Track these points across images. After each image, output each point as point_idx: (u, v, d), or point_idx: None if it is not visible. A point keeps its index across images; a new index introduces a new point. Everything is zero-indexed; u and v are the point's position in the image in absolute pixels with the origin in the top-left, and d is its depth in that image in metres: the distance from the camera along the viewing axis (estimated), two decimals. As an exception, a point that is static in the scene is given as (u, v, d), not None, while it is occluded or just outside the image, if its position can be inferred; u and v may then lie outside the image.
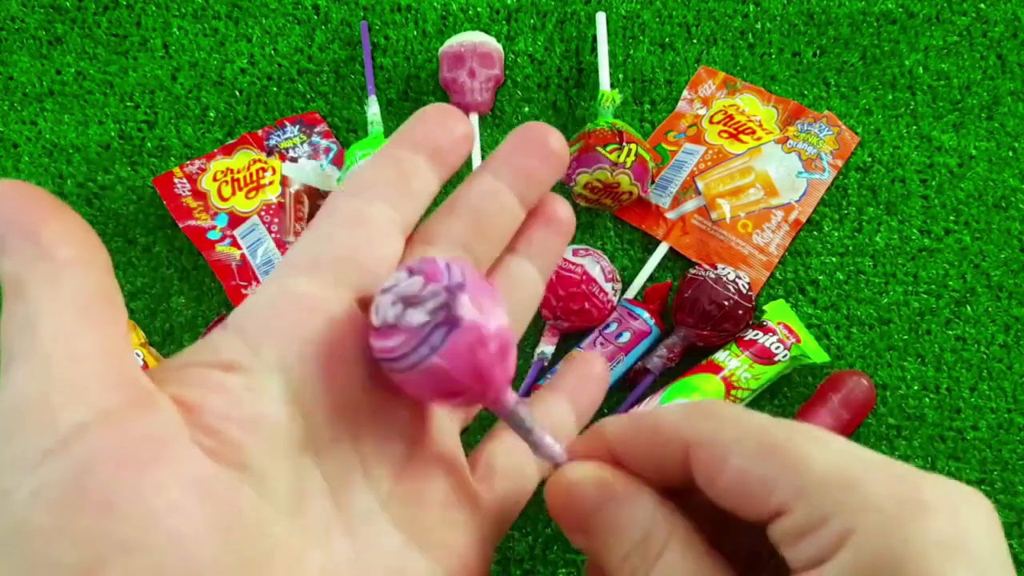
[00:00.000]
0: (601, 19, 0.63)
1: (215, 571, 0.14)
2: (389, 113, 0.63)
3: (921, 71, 0.64)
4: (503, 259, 0.23)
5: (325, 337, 0.18)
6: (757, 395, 0.54)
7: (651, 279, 0.58)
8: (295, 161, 0.61)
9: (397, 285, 0.17)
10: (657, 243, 0.59)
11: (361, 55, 0.65)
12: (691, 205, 0.59)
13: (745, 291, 0.54)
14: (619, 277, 0.57)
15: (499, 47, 0.63)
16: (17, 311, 0.15)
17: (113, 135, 0.63)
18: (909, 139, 0.62)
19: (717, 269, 0.54)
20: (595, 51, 0.63)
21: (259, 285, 0.19)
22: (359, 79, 0.64)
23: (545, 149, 0.22)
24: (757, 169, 0.59)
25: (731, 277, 0.54)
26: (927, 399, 0.56)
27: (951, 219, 0.60)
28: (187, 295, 0.58)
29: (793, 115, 0.62)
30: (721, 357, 0.53)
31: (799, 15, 0.66)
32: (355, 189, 0.20)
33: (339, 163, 0.61)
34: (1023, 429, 0.55)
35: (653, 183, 0.60)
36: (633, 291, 0.57)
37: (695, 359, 0.54)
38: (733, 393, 0.51)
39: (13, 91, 0.64)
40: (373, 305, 0.18)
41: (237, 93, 0.64)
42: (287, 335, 0.17)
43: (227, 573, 0.14)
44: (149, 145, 0.62)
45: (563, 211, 0.24)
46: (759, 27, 0.66)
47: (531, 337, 0.56)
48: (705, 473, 0.17)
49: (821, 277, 0.59)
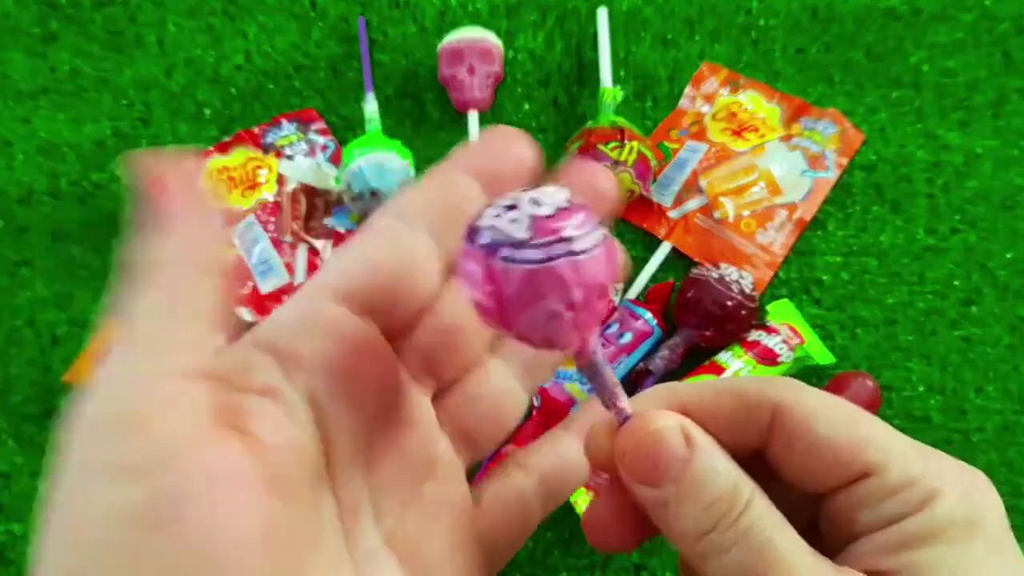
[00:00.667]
0: (603, 15, 0.62)
1: None
2: (387, 110, 0.62)
3: (927, 68, 0.63)
4: (482, 362, 0.22)
5: (351, 370, 0.18)
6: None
7: (653, 279, 0.57)
8: (291, 159, 0.60)
9: (542, 193, 0.17)
10: (659, 242, 0.58)
11: (359, 51, 0.64)
12: (693, 204, 0.59)
13: (748, 291, 0.53)
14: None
15: (499, 43, 0.62)
16: (139, 297, 0.17)
17: (108, 133, 0.62)
18: (914, 137, 0.61)
19: (720, 269, 0.54)
20: (596, 47, 0.62)
21: (291, 297, 0.19)
22: (356, 76, 0.64)
23: (513, 155, 0.21)
24: (761, 167, 0.59)
25: (734, 277, 0.53)
26: (933, 400, 0.55)
27: (957, 218, 0.59)
28: (182, 295, 0.57)
29: (797, 112, 0.61)
30: (724, 358, 0.52)
31: (803, 11, 0.65)
32: (403, 211, 0.20)
33: (336, 161, 0.60)
34: (1030, 431, 0.54)
35: (655, 181, 0.60)
36: (635, 291, 0.57)
37: (698, 360, 0.54)
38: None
39: (7, 88, 0.63)
40: (514, 198, 0.17)
41: (233, 90, 0.63)
42: (316, 364, 0.18)
43: None
44: (144, 143, 0.62)
45: None
46: (762, 23, 0.65)
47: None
48: (791, 436, 0.18)
49: (825, 277, 0.58)
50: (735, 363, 0.51)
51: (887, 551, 0.17)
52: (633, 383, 0.54)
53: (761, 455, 0.19)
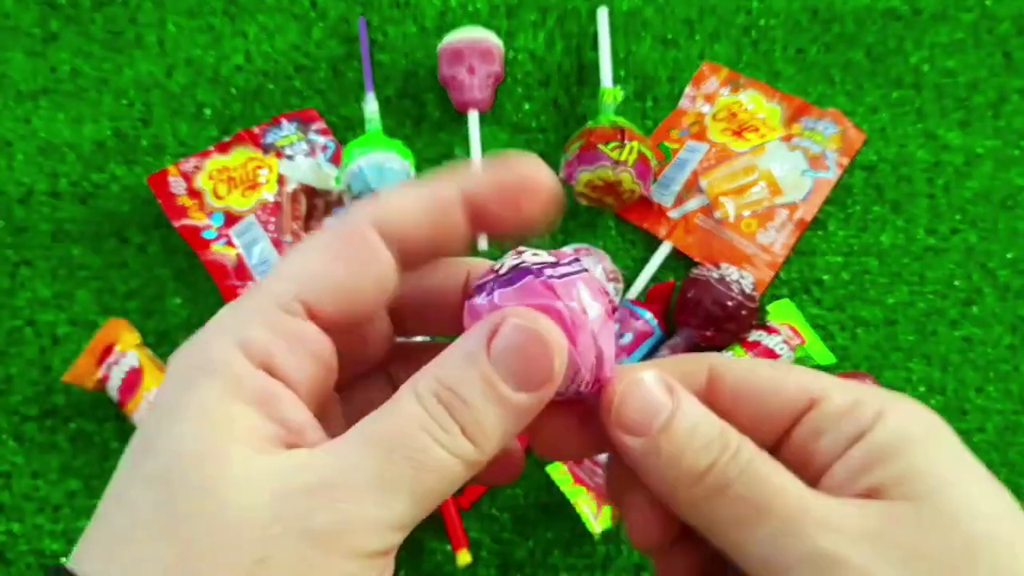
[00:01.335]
0: (603, 15, 0.62)
1: None
2: (387, 110, 0.62)
3: (927, 68, 0.63)
4: None
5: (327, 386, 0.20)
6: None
7: (653, 279, 0.57)
8: (292, 159, 0.60)
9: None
10: (659, 242, 0.58)
11: (359, 51, 0.64)
12: (694, 204, 0.59)
13: (749, 291, 0.53)
14: (621, 277, 0.56)
15: (499, 43, 0.62)
16: None
17: (108, 133, 0.62)
18: (915, 137, 0.61)
19: (720, 269, 0.54)
20: (596, 47, 0.62)
21: (246, 297, 0.19)
22: (357, 76, 0.64)
23: (537, 198, 0.20)
24: (761, 167, 0.59)
25: (735, 277, 0.53)
26: (933, 401, 0.55)
27: (957, 218, 0.59)
28: (182, 295, 0.57)
29: (798, 112, 0.61)
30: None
31: (803, 11, 0.65)
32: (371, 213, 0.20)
33: (336, 161, 0.60)
34: (1031, 431, 0.54)
35: (655, 181, 0.60)
36: (635, 291, 0.57)
37: (698, 360, 0.53)
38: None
39: (7, 88, 0.63)
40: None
41: (233, 90, 0.63)
42: (304, 388, 0.19)
43: None
44: (144, 143, 0.61)
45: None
46: (763, 23, 0.65)
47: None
48: (734, 391, 0.20)
49: (826, 277, 0.58)
50: (735, 363, 0.51)
51: (862, 471, 0.17)
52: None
53: None
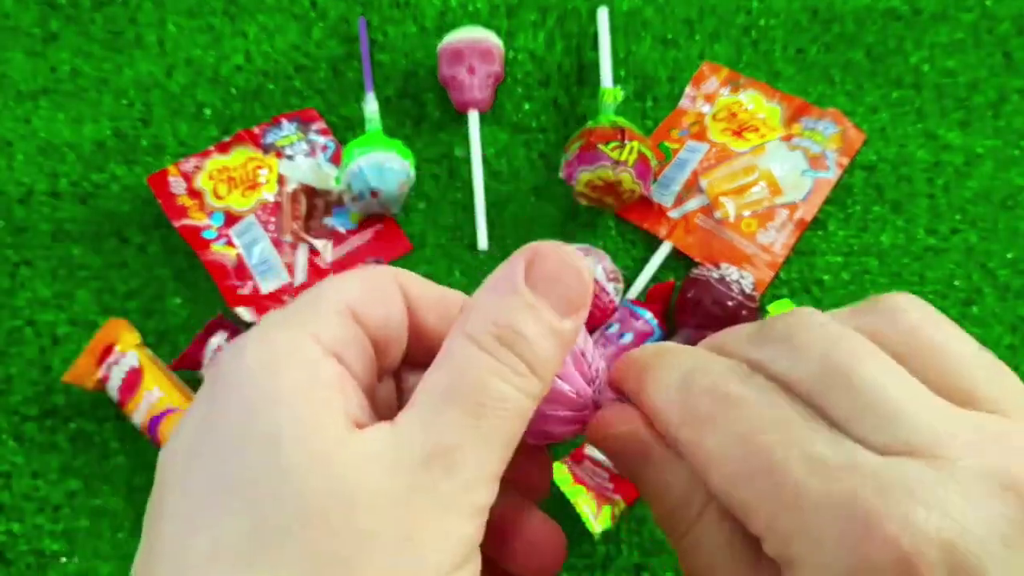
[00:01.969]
0: (603, 15, 0.62)
1: None
2: (387, 110, 0.62)
3: (927, 68, 0.63)
4: None
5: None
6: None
7: (654, 279, 0.57)
8: (292, 159, 0.60)
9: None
10: (660, 242, 0.58)
11: (359, 51, 0.64)
12: (694, 204, 0.59)
13: (749, 291, 0.53)
14: (621, 277, 0.56)
15: (499, 43, 0.62)
16: None
17: (108, 133, 0.62)
18: (915, 137, 0.61)
19: (720, 269, 0.54)
20: (596, 47, 0.62)
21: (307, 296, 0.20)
22: (357, 76, 0.64)
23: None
24: (761, 167, 0.59)
25: (735, 277, 0.53)
26: (933, 401, 0.55)
27: (957, 218, 0.59)
28: (182, 295, 0.57)
29: (798, 112, 0.61)
30: (725, 358, 0.52)
31: (803, 11, 0.65)
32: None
33: (336, 161, 0.60)
34: (1031, 431, 0.54)
35: (655, 181, 0.60)
36: (635, 291, 0.57)
37: (698, 360, 0.53)
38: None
39: (7, 88, 0.63)
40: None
41: (233, 90, 0.63)
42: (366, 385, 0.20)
43: None
44: (144, 143, 0.61)
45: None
46: (763, 23, 0.65)
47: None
48: (695, 471, 0.18)
49: (826, 277, 0.58)
50: (736, 363, 0.51)
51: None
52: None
53: None
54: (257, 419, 0.15)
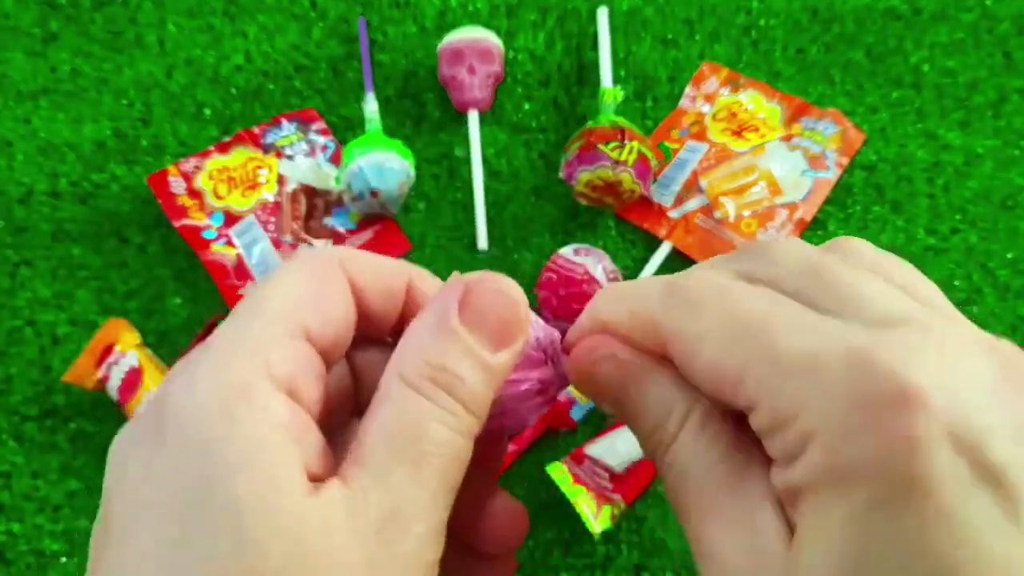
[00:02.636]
0: (603, 15, 0.62)
1: None
2: (387, 110, 0.62)
3: (927, 68, 0.63)
4: None
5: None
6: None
7: (653, 279, 0.57)
8: (292, 159, 0.60)
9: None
10: (659, 242, 0.58)
11: (359, 51, 0.64)
12: (694, 204, 0.59)
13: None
14: (621, 277, 0.56)
15: (499, 43, 0.62)
16: None
17: (108, 133, 0.62)
18: (915, 137, 0.61)
19: (720, 269, 0.53)
20: (596, 47, 0.62)
21: (253, 321, 0.19)
22: (357, 76, 0.64)
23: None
24: (761, 167, 0.59)
25: (735, 277, 0.53)
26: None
27: (957, 218, 0.59)
28: (182, 295, 0.57)
29: (798, 112, 0.61)
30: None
31: (803, 11, 0.65)
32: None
33: (336, 161, 0.60)
34: (1031, 431, 0.54)
35: (655, 181, 0.60)
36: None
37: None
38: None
39: (7, 88, 0.63)
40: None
41: (233, 90, 0.63)
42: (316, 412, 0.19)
43: None
44: (144, 143, 0.62)
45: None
46: (762, 23, 0.65)
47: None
48: (681, 364, 0.18)
49: (826, 277, 0.58)
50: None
51: (784, 495, 0.16)
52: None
53: None
54: (216, 485, 0.15)
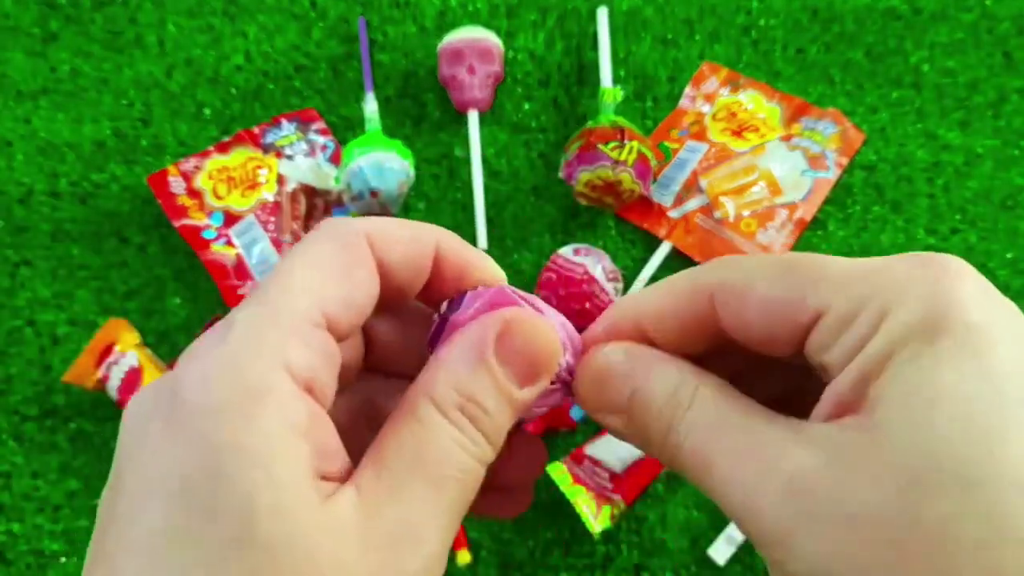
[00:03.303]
0: (603, 15, 0.62)
1: None
2: (387, 110, 0.62)
3: (927, 68, 0.63)
4: None
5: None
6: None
7: (653, 279, 0.57)
8: (291, 159, 0.60)
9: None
10: (659, 242, 0.58)
11: (359, 51, 0.64)
12: (694, 203, 0.59)
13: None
14: (621, 277, 0.56)
15: (499, 43, 0.62)
16: None
17: (108, 133, 0.62)
18: (915, 137, 0.61)
19: (720, 269, 0.53)
20: (596, 47, 0.62)
21: (272, 314, 0.18)
22: (356, 76, 0.64)
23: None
24: (761, 167, 0.59)
25: (734, 277, 0.53)
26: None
27: (957, 218, 0.59)
28: (182, 295, 0.57)
29: (797, 112, 0.61)
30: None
31: (803, 11, 0.65)
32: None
33: (336, 161, 0.60)
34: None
35: (655, 181, 0.60)
36: (635, 291, 0.57)
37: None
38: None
39: (7, 88, 0.63)
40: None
41: (233, 90, 0.63)
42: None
43: None
44: (144, 143, 0.62)
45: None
46: (762, 23, 0.65)
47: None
48: (737, 311, 0.18)
49: (825, 277, 0.58)
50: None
51: (853, 386, 0.16)
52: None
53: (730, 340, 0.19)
54: (229, 485, 0.15)
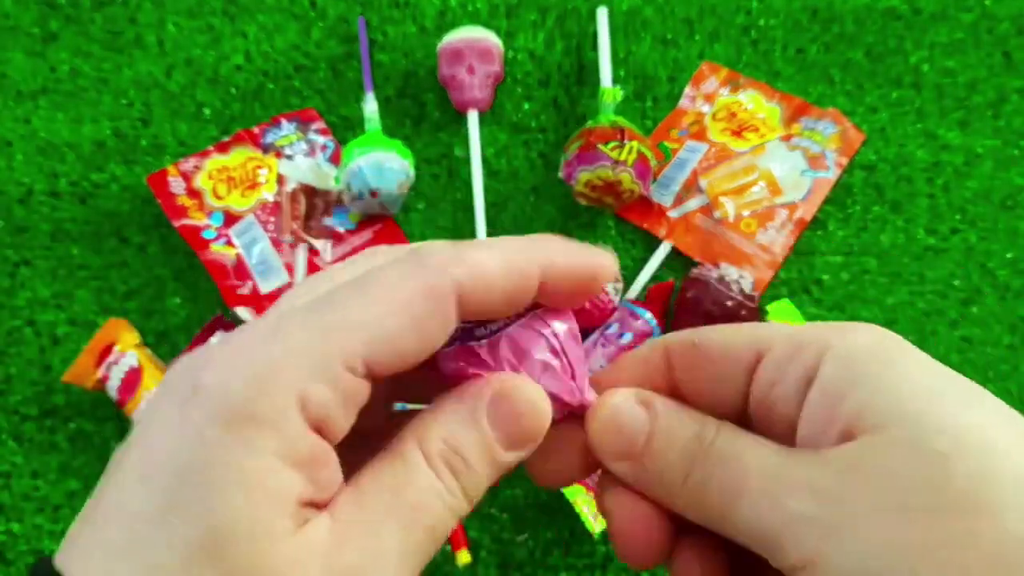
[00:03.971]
0: (602, 15, 0.62)
1: None
2: (387, 110, 0.62)
3: (927, 68, 0.63)
4: None
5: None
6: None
7: (653, 279, 0.57)
8: (291, 159, 0.60)
9: None
10: (659, 242, 0.58)
11: (358, 51, 0.64)
12: (694, 203, 0.59)
13: (748, 291, 0.53)
14: (621, 277, 0.56)
15: (499, 43, 0.62)
16: None
17: (107, 133, 0.62)
18: (915, 137, 0.61)
19: (720, 269, 0.54)
20: (596, 47, 0.62)
21: (302, 338, 0.18)
22: (356, 76, 0.64)
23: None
24: (761, 167, 0.59)
25: (734, 277, 0.53)
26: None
27: (957, 218, 0.59)
28: (182, 295, 0.57)
29: (797, 112, 0.61)
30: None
31: (803, 11, 0.65)
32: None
33: (336, 161, 0.60)
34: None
35: (655, 181, 0.60)
36: (635, 291, 0.57)
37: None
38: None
39: (7, 88, 0.63)
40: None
41: (232, 90, 0.63)
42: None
43: None
44: (144, 143, 0.62)
45: None
46: (762, 23, 0.65)
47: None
48: (686, 361, 0.20)
49: (825, 277, 0.58)
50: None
51: (825, 417, 0.17)
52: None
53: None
54: (215, 497, 0.15)
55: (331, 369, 0.16)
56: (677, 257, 0.58)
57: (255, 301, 0.55)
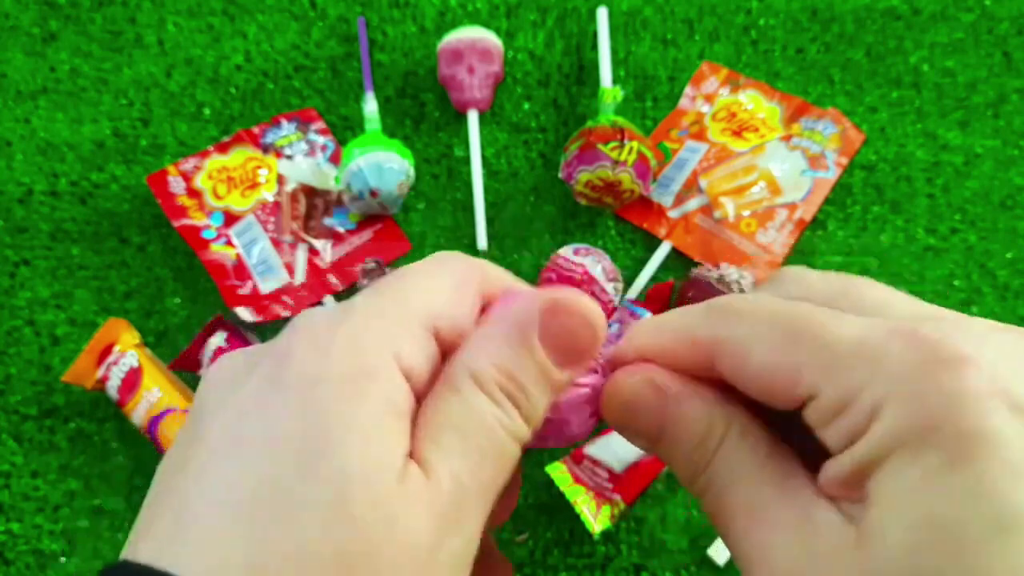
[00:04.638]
0: (602, 15, 0.62)
1: None
2: (387, 110, 0.62)
3: (927, 68, 0.63)
4: None
5: None
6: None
7: (653, 279, 0.57)
8: (291, 159, 0.60)
9: None
10: (659, 242, 0.58)
11: (358, 51, 0.64)
12: (694, 203, 0.59)
13: (748, 291, 0.53)
14: (620, 277, 0.56)
15: (499, 43, 0.62)
16: None
17: (107, 133, 0.62)
18: (914, 137, 0.61)
19: (720, 269, 0.54)
20: (596, 47, 0.62)
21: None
22: (356, 76, 0.64)
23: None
24: (761, 167, 0.59)
25: (734, 277, 0.53)
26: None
27: (957, 218, 0.59)
28: (182, 295, 0.57)
29: (797, 112, 0.61)
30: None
31: (803, 11, 0.65)
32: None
33: (336, 161, 0.60)
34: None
35: (655, 181, 0.60)
36: (635, 291, 0.57)
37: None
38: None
39: (6, 88, 0.63)
40: None
41: (232, 90, 0.63)
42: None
43: None
44: (143, 143, 0.62)
45: None
46: (762, 23, 0.65)
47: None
48: (730, 371, 0.18)
49: (825, 277, 0.58)
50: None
51: (850, 477, 0.16)
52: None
53: None
54: (330, 448, 0.16)
55: (411, 327, 0.18)
56: (677, 257, 0.58)
57: (255, 301, 0.55)
